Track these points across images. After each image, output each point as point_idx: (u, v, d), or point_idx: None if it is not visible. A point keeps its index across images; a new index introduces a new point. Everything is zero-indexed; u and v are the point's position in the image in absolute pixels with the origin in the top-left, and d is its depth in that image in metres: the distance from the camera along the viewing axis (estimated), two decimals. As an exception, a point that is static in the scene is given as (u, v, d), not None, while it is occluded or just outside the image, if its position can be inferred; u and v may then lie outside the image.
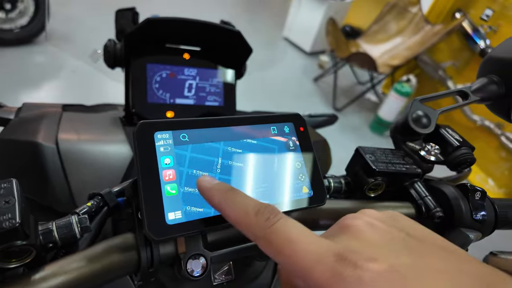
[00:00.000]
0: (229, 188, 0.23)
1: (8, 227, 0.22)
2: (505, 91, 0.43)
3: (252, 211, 0.21)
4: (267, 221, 0.20)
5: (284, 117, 0.34)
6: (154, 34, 0.52)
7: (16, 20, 2.37)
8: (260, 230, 0.20)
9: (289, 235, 0.18)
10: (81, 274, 0.26)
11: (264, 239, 0.19)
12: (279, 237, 0.19)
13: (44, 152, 0.40)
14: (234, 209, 0.22)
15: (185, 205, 0.27)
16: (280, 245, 0.18)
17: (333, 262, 0.17)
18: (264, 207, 0.21)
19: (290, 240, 0.18)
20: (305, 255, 0.17)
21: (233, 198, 0.22)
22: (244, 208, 0.21)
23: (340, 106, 3.00)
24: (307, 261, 0.17)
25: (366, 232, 0.19)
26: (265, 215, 0.20)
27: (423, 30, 2.80)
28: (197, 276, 0.29)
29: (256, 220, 0.20)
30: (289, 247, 0.18)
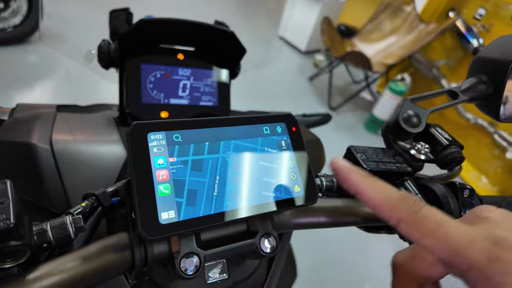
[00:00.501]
0: (367, 174, 0.23)
1: (3, 227, 0.22)
2: (493, 91, 0.44)
3: (396, 195, 0.21)
4: (414, 205, 0.20)
5: (277, 117, 0.34)
6: (148, 35, 0.53)
7: (9, 19, 2.35)
8: (407, 214, 0.20)
9: (439, 219, 0.19)
10: (76, 274, 0.26)
11: (412, 223, 0.20)
12: (430, 221, 0.19)
13: (38, 153, 0.40)
14: (376, 191, 0.22)
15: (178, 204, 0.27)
16: (431, 228, 0.19)
17: (489, 244, 0.18)
18: (407, 194, 0.21)
19: (442, 223, 0.19)
20: (460, 237, 0.18)
21: (374, 182, 0.23)
22: (387, 192, 0.22)
23: (335, 105, 3.02)
24: (461, 242, 0.18)
25: (503, 222, 0.20)
26: (410, 200, 0.21)
27: (417, 29, 2.82)
28: (190, 274, 0.29)
29: (402, 204, 0.21)
30: (441, 229, 0.19)
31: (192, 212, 0.28)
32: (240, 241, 0.32)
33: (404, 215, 0.20)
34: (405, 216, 0.20)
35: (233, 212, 0.29)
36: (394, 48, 2.88)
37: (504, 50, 0.43)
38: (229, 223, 0.30)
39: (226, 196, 0.29)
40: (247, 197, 0.30)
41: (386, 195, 0.21)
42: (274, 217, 0.34)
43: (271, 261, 0.44)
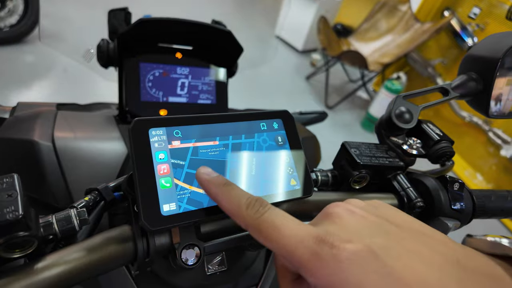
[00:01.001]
0: (225, 182, 0.25)
1: (12, 218, 0.23)
2: (483, 88, 0.45)
3: (244, 204, 0.23)
4: (256, 212, 0.22)
5: (273, 114, 0.35)
6: (147, 34, 0.53)
7: (5, 19, 2.35)
8: (251, 220, 0.22)
9: (275, 223, 0.21)
10: (81, 264, 0.27)
11: (255, 228, 0.22)
12: (267, 226, 0.21)
13: (40, 150, 0.41)
14: (228, 201, 0.24)
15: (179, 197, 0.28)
16: (268, 232, 0.21)
17: (312, 243, 0.19)
18: (254, 200, 0.23)
19: (276, 227, 0.21)
20: (289, 238, 0.20)
21: (228, 192, 0.25)
22: (237, 201, 0.24)
23: (332, 103, 3.03)
24: (291, 244, 0.20)
25: (345, 218, 0.22)
26: (255, 207, 0.23)
27: (412, 28, 2.84)
28: (191, 265, 0.30)
29: (248, 212, 0.23)
30: (275, 233, 0.21)
31: (192, 204, 0.29)
32: (238, 233, 0.33)
33: (249, 221, 0.22)
34: (250, 221, 0.22)
35: None
36: (390, 47, 2.90)
37: (493, 48, 0.44)
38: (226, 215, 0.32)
39: None
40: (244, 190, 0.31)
41: (237, 203, 0.23)
42: None
43: (268, 254, 0.45)
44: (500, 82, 0.49)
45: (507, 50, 0.43)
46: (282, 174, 0.33)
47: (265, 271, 0.44)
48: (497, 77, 0.46)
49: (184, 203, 0.28)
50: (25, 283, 0.24)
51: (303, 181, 0.34)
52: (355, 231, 0.20)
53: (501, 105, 0.51)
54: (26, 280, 0.24)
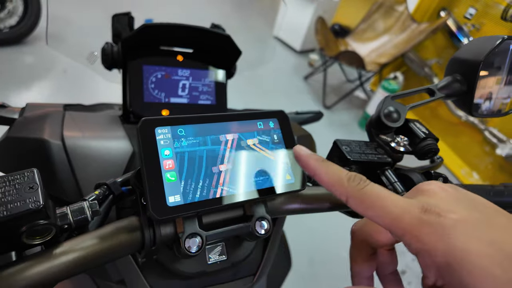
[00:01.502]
0: (322, 159, 0.27)
1: (34, 208, 0.26)
2: (467, 88, 0.48)
3: (345, 177, 0.25)
4: (359, 184, 0.24)
5: (269, 114, 0.38)
6: (150, 38, 0.56)
7: (5, 20, 2.37)
8: (354, 191, 0.24)
9: (380, 193, 0.23)
10: (93, 251, 0.29)
11: (357, 198, 0.24)
12: (371, 196, 0.23)
13: (51, 148, 0.44)
14: (329, 174, 0.26)
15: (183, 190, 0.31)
16: (372, 202, 0.23)
17: (418, 212, 0.21)
18: (354, 175, 0.25)
19: (381, 197, 0.23)
20: (394, 207, 0.22)
21: (327, 166, 0.26)
22: (338, 174, 0.25)
23: (330, 103, 3.06)
24: (396, 212, 0.22)
25: (440, 193, 0.23)
26: (356, 180, 0.24)
27: (409, 28, 2.87)
28: (194, 252, 0.33)
29: (349, 184, 0.24)
30: (380, 203, 0.22)
31: (195, 196, 0.31)
32: (238, 224, 0.36)
33: (351, 192, 0.24)
34: (352, 193, 0.24)
35: (231, 197, 0.33)
36: (387, 47, 2.93)
37: (476, 51, 0.47)
38: (227, 207, 0.34)
39: (224, 183, 0.33)
40: (243, 184, 0.34)
41: (337, 176, 0.25)
42: (268, 203, 0.38)
43: (265, 245, 0.48)
44: (489, 81, 0.52)
45: (488, 53, 0.46)
46: (278, 169, 0.36)
47: (263, 261, 0.47)
48: (487, 76, 0.49)
49: (188, 195, 0.31)
50: (45, 267, 0.27)
51: (297, 176, 0.37)
52: (454, 205, 0.22)
53: (491, 103, 0.54)
54: (45, 264, 0.27)
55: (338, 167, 0.26)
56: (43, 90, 2.26)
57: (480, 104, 0.53)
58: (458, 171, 2.65)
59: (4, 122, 0.54)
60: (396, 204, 0.22)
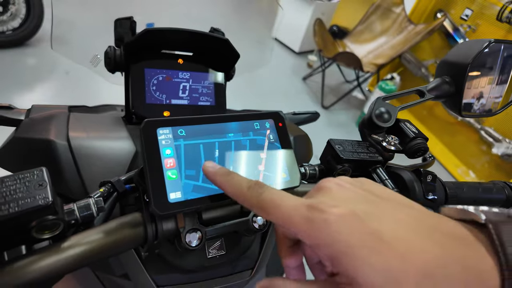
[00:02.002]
0: (228, 172, 0.29)
1: (43, 204, 0.27)
2: (455, 90, 0.50)
3: (245, 187, 0.27)
4: (256, 193, 0.26)
5: (266, 115, 0.40)
6: (151, 42, 0.58)
7: (7, 22, 2.38)
8: (253, 200, 0.26)
9: (273, 198, 0.25)
10: (98, 245, 0.31)
11: (257, 206, 0.26)
12: (267, 202, 0.25)
13: (57, 148, 0.46)
14: (232, 187, 0.28)
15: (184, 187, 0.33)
16: (268, 207, 0.25)
17: (305, 210, 0.22)
18: (253, 183, 0.27)
19: (274, 201, 0.24)
20: (285, 209, 0.24)
21: (231, 179, 0.29)
22: (239, 185, 0.28)
23: (328, 104, 3.08)
24: (287, 213, 0.23)
25: (333, 189, 0.25)
26: (255, 188, 0.26)
27: (406, 29, 2.90)
28: (194, 246, 0.35)
29: (249, 193, 0.26)
30: (274, 207, 0.24)
31: (195, 193, 0.33)
32: (235, 219, 0.38)
33: (251, 200, 0.26)
34: (252, 201, 0.26)
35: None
36: (384, 48, 2.96)
37: (464, 54, 0.49)
38: (225, 203, 0.36)
39: None
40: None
41: (239, 187, 0.27)
42: None
43: (263, 240, 0.50)
44: (481, 82, 0.54)
45: (475, 56, 0.48)
46: (273, 167, 0.38)
47: (260, 255, 0.49)
48: (478, 76, 0.51)
49: (188, 192, 0.33)
50: (53, 260, 0.29)
51: (291, 174, 0.39)
52: (342, 200, 0.23)
53: (483, 103, 0.56)
54: (53, 257, 0.29)
55: (242, 178, 0.28)
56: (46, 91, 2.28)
57: (472, 104, 0.55)
58: (454, 170, 2.68)
59: (11, 123, 0.55)
60: (287, 204, 0.24)
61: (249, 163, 0.37)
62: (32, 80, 2.30)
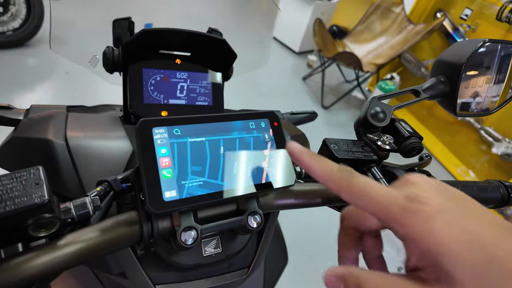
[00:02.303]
0: (315, 154, 0.29)
1: (40, 202, 0.27)
2: (450, 89, 0.51)
3: (336, 170, 0.26)
4: (349, 176, 0.26)
5: (261, 114, 0.40)
6: (149, 42, 0.58)
7: (8, 23, 2.39)
8: (344, 182, 0.25)
9: (369, 183, 0.25)
10: (94, 243, 0.31)
11: (348, 189, 0.25)
12: (361, 186, 0.25)
13: (55, 148, 0.46)
14: (322, 167, 0.27)
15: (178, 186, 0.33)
16: (361, 192, 0.24)
17: (404, 201, 0.23)
18: (344, 167, 0.27)
19: (370, 187, 0.24)
20: (382, 197, 0.24)
21: (319, 160, 0.28)
22: (330, 167, 0.27)
23: (328, 103, 3.09)
24: (385, 201, 0.23)
25: (424, 184, 0.25)
26: (346, 172, 0.26)
27: (406, 29, 2.90)
28: (189, 245, 0.35)
29: (340, 175, 0.26)
30: (368, 193, 0.24)
31: (189, 192, 0.34)
32: (231, 218, 0.38)
33: (342, 183, 0.26)
34: (343, 184, 0.25)
35: (224, 192, 0.35)
36: (383, 48, 2.96)
37: (459, 54, 0.49)
38: (220, 202, 0.37)
39: (218, 180, 0.36)
40: (235, 181, 0.36)
41: (329, 169, 0.27)
42: (260, 198, 0.40)
43: (259, 239, 0.50)
44: (479, 81, 0.54)
45: (470, 56, 0.48)
46: (268, 166, 0.38)
47: (257, 254, 0.49)
48: (476, 76, 0.52)
49: (183, 191, 0.33)
50: (49, 257, 0.29)
51: (286, 172, 0.39)
52: (435, 193, 0.24)
53: (481, 101, 0.56)
54: (50, 255, 0.29)
55: (329, 161, 0.28)
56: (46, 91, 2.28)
57: (469, 103, 0.56)
58: (454, 170, 2.68)
59: (9, 123, 0.56)
60: (383, 194, 0.24)
61: (244, 162, 0.37)
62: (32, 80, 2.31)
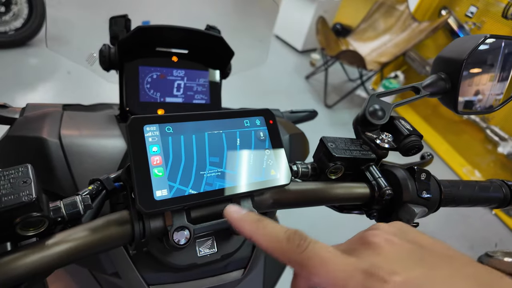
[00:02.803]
0: (258, 218, 0.25)
1: (27, 201, 0.27)
2: (451, 86, 0.49)
3: (283, 238, 0.23)
4: (298, 247, 0.22)
5: (256, 112, 0.40)
6: (145, 40, 0.58)
7: (10, 22, 2.41)
8: (294, 256, 0.22)
9: (322, 257, 0.21)
10: (84, 242, 0.31)
11: (299, 264, 0.22)
12: (313, 261, 0.21)
13: (49, 146, 0.46)
14: (266, 238, 0.24)
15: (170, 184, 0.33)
16: (315, 268, 0.21)
17: (363, 278, 0.20)
18: (293, 233, 0.23)
19: (323, 262, 0.21)
20: (338, 274, 0.21)
21: (264, 228, 0.24)
22: (275, 236, 0.23)
23: (331, 102, 3.07)
24: (341, 279, 0.20)
25: (385, 248, 0.22)
26: (296, 241, 0.23)
27: (410, 27, 2.87)
28: (182, 245, 0.34)
29: (289, 247, 0.22)
30: (323, 269, 0.21)
31: (181, 191, 0.33)
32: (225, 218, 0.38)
33: (292, 257, 0.22)
34: (293, 258, 0.22)
35: (217, 191, 0.35)
36: (387, 46, 2.93)
37: (459, 51, 0.48)
38: (213, 201, 0.36)
39: (211, 178, 0.35)
40: (229, 180, 0.35)
41: (275, 239, 0.23)
42: (254, 197, 0.39)
43: None
44: (482, 78, 0.53)
45: (470, 52, 0.47)
46: (263, 165, 0.38)
47: (253, 255, 0.49)
48: (479, 73, 0.50)
49: (174, 190, 0.33)
50: (38, 256, 0.28)
51: (282, 171, 0.38)
52: (398, 262, 0.21)
53: (483, 99, 0.55)
54: (39, 254, 0.28)
55: (276, 225, 0.25)
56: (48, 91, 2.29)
57: (472, 101, 0.54)
58: (459, 170, 2.65)
59: (5, 122, 0.56)
60: (340, 269, 0.21)
61: (238, 160, 0.36)
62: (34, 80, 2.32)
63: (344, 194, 0.42)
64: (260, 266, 0.53)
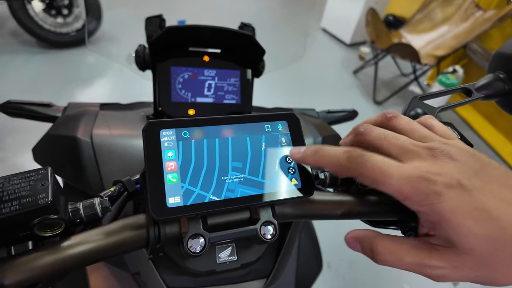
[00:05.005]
0: (316, 149, 0.29)
1: (43, 204, 0.28)
2: (511, 88, 0.42)
3: (344, 160, 0.27)
4: (358, 163, 0.26)
5: (278, 116, 0.37)
6: (176, 40, 0.58)
7: (72, 24, 2.61)
8: (356, 171, 0.26)
9: (380, 168, 0.25)
10: (100, 245, 0.31)
11: (361, 175, 0.26)
12: (374, 171, 0.25)
13: (81, 145, 0.48)
14: (328, 161, 0.28)
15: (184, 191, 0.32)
16: (375, 177, 0.25)
17: (417, 182, 0.23)
18: (350, 151, 0.26)
19: (382, 173, 0.25)
20: (396, 180, 0.24)
21: (323, 154, 0.28)
22: (335, 159, 0.27)
23: (381, 99, 2.90)
24: (398, 184, 0.24)
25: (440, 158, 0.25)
26: (354, 158, 0.26)
27: (473, 16, 2.60)
28: (197, 253, 0.33)
29: (350, 165, 0.26)
30: (382, 177, 0.25)
31: (196, 198, 0.32)
32: (243, 227, 0.36)
33: (355, 171, 0.26)
34: (356, 172, 0.26)
35: (233, 200, 0.33)
36: (445, 38, 2.69)
37: (524, 46, 0.41)
38: (229, 210, 0.34)
39: (227, 186, 0.33)
40: (247, 188, 0.34)
41: (337, 162, 0.27)
42: (275, 207, 0.37)
43: (280, 248, 0.47)
44: None
45: (539, 48, 0.40)
46: (284, 173, 0.35)
47: (276, 264, 0.46)
48: None
49: (188, 197, 0.31)
50: (53, 258, 0.29)
51: (304, 181, 0.35)
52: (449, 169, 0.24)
53: None
54: (56, 255, 0.29)
55: (334, 149, 0.27)
56: (102, 87, 2.46)
57: None
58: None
59: (49, 120, 0.59)
60: (397, 176, 0.24)
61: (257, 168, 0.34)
62: (91, 76, 2.51)
63: (373, 209, 0.38)
64: (290, 275, 0.51)
